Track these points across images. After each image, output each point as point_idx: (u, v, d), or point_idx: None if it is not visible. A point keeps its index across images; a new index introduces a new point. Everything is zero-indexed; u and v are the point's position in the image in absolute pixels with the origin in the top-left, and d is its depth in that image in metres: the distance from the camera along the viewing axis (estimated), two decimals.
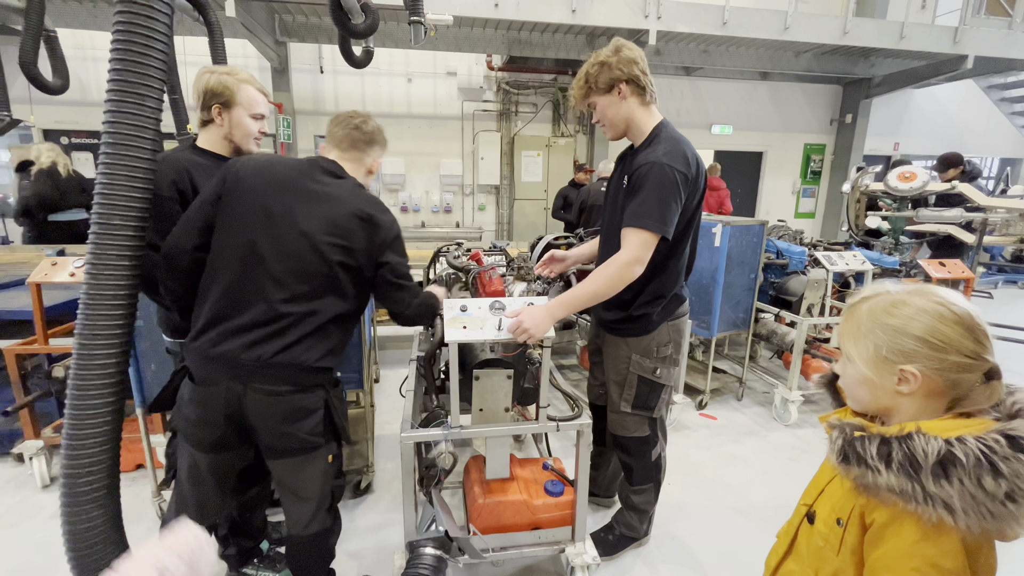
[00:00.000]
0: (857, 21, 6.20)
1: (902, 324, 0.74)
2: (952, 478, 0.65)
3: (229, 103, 1.55)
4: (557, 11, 5.56)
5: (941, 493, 0.65)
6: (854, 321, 0.80)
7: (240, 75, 1.58)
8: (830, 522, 0.81)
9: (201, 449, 1.33)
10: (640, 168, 1.54)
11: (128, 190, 1.30)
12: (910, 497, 0.67)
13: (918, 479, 0.67)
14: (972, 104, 8.77)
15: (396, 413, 1.76)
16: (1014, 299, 6.49)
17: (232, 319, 1.26)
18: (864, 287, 0.83)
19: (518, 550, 1.68)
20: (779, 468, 2.64)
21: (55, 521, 2.10)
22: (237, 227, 1.28)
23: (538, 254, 3.07)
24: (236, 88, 1.55)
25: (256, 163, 1.33)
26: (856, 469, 0.72)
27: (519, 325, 1.44)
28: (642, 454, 1.85)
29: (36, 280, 2.25)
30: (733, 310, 3.13)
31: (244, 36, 5.49)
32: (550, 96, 7.61)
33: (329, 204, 1.31)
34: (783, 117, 8.36)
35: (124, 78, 1.25)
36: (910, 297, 0.75)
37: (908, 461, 0.68)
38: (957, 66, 6.66)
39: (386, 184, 7.55)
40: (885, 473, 0.69)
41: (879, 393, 0.78)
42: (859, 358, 0.78)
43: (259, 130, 1.64)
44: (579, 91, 1.65)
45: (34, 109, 6.16)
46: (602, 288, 1.54)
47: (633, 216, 1.52)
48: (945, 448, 0.66)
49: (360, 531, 2.09)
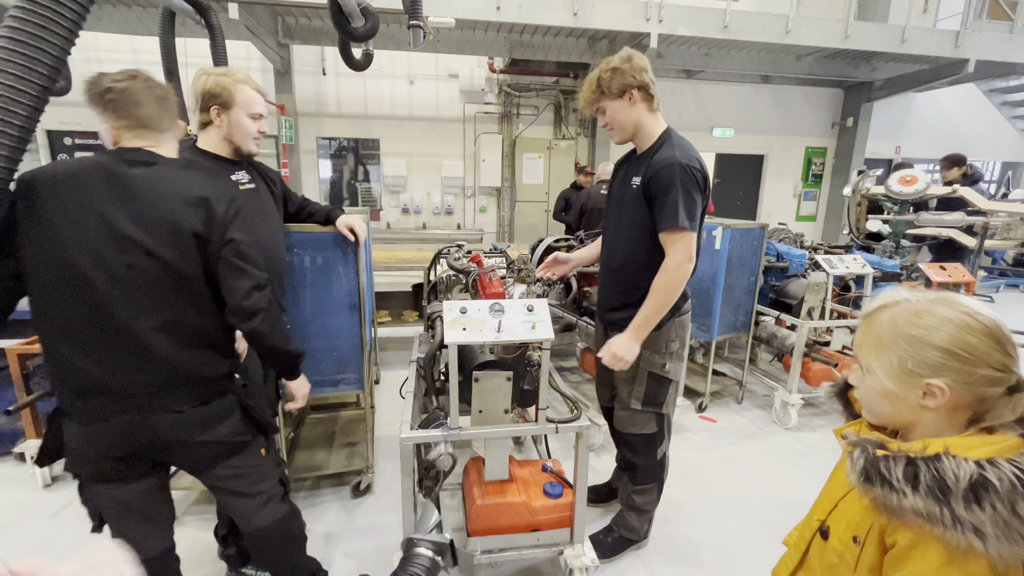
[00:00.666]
0: (858, 25, 6.20)
1: (927, 335, 0.70)
2: (984, 503, 0.61)
3: (227, 104, 1.56)
4: (558, 14, 5.58)
5: (972, 518, 0.62)
6: (874, 331, 0.76)
7: (237, 76, 1.58)
8: (846, 539, 0.78)
9: (115, 483, 1.22)
10: (660, 171, 1.58)
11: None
12: (937, 521, 0.64)
13: (947, 503, 0.63)
14: (974, 108, 8.77)
15: (396, 414, 1.77)
16: (1015, 303, 6.49)
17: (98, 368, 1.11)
18: (880, 295, 0.79)
19: (517, 552, 1.68)
20: (779, 471, 2.64)
21: (56, 520, 2.12)
22: (49, 254, 1.08)
23: (539, 256, 3.08)
24: (233, 89, 1.56)
25: (51, 175, 1.11)
26: (879, 490, 0.69)
27: (613, 356, 1.65)
28: (648, 452, 1.87)
29: None
30: (733, 313, 3.14)
31: (247, 38, 5.52)
32: (551, 99, 7.63)
33: (148, 198, 1.12)
34: (784, 120, 8.37)
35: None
36: (933, 306, 0.71)
37: (937, 485, 0.64)
38: (958, 70, 6.66)
39: (387, 186, 7.56)
40: (911, 496, 0.65)
41: (901, 407, 0.74)
42: (881, 370, 0.74)
43: (258, 130, 1.65)
44: (590, 95, 1.68)
45: None
46: (668, 298, 1.63)
47: (668, 218, 1.58)
48: (978, 472, 0.63)
49: (359, 531, 2.10)
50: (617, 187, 1.81)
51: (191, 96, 1.59)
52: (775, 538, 1.00)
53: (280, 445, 2.11)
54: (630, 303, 1.72)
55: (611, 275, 1.84)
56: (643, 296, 1.68)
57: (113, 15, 5.69)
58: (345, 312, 2.14)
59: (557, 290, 3.13)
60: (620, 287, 1.80)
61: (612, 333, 1.84)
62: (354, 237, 1.98)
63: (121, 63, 6.63)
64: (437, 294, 2.92)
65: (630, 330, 1.66)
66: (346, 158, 7.66)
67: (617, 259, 1.80)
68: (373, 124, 7.30)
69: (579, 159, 7.71)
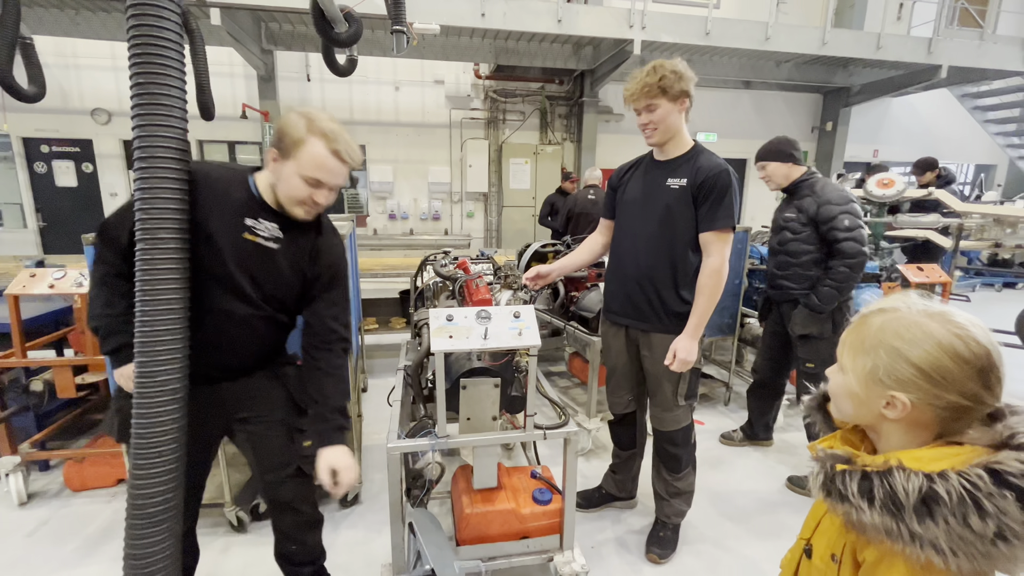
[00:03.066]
0: (835, 32, 6.36)
1: (907, 349, 0.68)
2: (937, 517, 0.61)
3: (285, 153, 1.25)
4: (543, 21, 5.63)
5: (927, 533, 0.61)
6: (860, 333, 0.75)
7: (319, 124, 1.24)
8: (825, 558, 0.79)
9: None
10: (718, 175, 1.71)
11: (167, 202, 1.18)
12: (896, 536, 0.63)
13: (901, 518, 0.63)
14: (948, 112, 9.02)
15: (384, 423, 1.75)
16: (991, 302, 6.67)
17: None
18: (887, 298, 0.77)
19: (507, 560, 1.68)
20: (765, 472, 2.66)
21: (32, 540, 2.06)
22: None
23: (526, 262, 3.09)
24: (301, 139, 1.23)
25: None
26: (841, 506, 0.69)
27: (683, 362, 1.74)
28: (687, 440, 1.97)
29: (14, 292, 2.21)
30: (719, 315, 3.17)
31: (230, 44, 5.46)
32: (537, 104, 7.67)
33: None
34: (766, 125, 8.52)
35: (148, 90, 1.15)
36: (928, 321, 0.69)
37: (890, 499, 0.64)
38: (932, 76, 6.86)
39: (374, 192, 7.53)
40: (868, 511, 0.65)
41: (863, 411, 0.76)
42: (853, 372, 0.75)
43: (312, 198, 1.28)
44: (649, 89, 1.68)
45: (13, 118, 6.07)
46: (717, 296, 1.74)
47: (724, 219, 1.71)
48: (927, 486, 0.62)
49: (347, 543, 2.07)
50: (644, 190, 1.85)
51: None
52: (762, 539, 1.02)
53: None
54: (686, 298, 1.80)
55: (642, 273, 1.84)
56: (691, 291, 1.78)
57: (92, 21, 5.59)
58: None
59: (545, 295, 3.14)
60: (662, 284, 1.82)
61: (654, 334, 1.86)
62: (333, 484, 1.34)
63: (100, 69, 6.54)
64: (424, 301, 2.91)
65: (689, 331, 1.75)
66: None
67: (651, 258, 1.82)
68: (359, 130, 7.27)
69: (565, 164, 7.76)
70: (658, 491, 2.06)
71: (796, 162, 2.44)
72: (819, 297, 2.33)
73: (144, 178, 1.16)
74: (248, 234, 1.30)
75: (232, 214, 1.29)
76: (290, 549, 1.58)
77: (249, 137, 7.07)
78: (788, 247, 2.45)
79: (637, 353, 1.96)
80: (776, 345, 2.68)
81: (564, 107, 7.81)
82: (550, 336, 3.56)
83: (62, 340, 2.73)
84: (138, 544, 1.17)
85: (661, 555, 1.98)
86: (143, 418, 1.17)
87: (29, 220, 6.85)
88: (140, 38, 1.15)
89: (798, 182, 2.44)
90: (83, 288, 2.25)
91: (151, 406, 1.17)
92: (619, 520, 2.25)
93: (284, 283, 1.39)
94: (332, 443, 1.35)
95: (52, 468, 2.55)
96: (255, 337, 1.41)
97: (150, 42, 1.15)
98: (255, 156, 7.28)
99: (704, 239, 1.74)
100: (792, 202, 2.46)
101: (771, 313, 2.69)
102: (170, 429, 1.19)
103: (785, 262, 2.47)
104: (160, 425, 1.18)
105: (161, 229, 1.16)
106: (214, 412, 1.41)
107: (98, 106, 6.65)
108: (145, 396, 1.17)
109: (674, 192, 1.76)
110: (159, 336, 1.17)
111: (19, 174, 6.71)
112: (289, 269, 1.37)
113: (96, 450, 2.37)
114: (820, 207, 2.32)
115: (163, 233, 1.16)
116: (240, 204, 1.29)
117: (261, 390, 1.46)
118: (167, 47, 1.17)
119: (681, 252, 1.79)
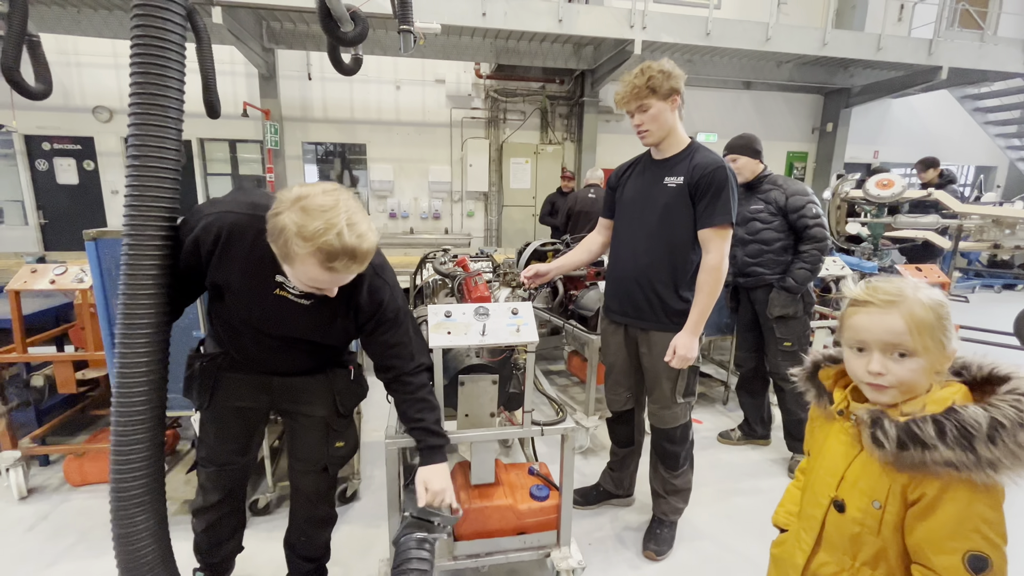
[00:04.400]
0: (836, 33, 6.37)
1: (944, 314, 0.83)
2: (997, 440, 0.73)
3: (284, 258, 1.11)
4: (544, 20, 5.64)
5: (991, 456, 0.73)
6: (918, 317, 0.83)
7: (317, 241, 1.03)
8: (864, 507, 0.85)
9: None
10: (714, 172, 1.70)
11: (155, 200, 1.21)
12: (964, 465, 0.74)
13: (972, 448, 0.74)
14: (948, 113, 9.03)
15: (382, 420, 1.76)
16: (990, 303, 6.67)
17: None
18: (876, 280, 0.90)
19: (503, 555, 1.69)
20: (764, 471, 2.67)
21: (32, 534, 2.07)
22: None
23: (525, 260, 3.10)
24: (295, 257, 1.07)
25: None
26: (912, 452, 0.77)
27: (683, 358, 1.74)
28: (685, 438, 1.97)
29: (15, 287, 2.22)
30: (717, 315, 3.17)
31: (231, 43, 5.48)
32: (538, 104, 7.69)
33: None
34: (766, 125, 8.53)
35: (146, 90, 1.18)
36: (930, 290, 0.85)
37: (962, 434, 0.75)
38: (932, 77, 6.87)
39: (375, 191, 7.54)
40: (942, 448, 0.75)
41: (931, 378, 0.85)
42: (937, 349, 0.83)
43: (323, 291, 1.20)
44: (638, 91, 1.70)
45: (17, 115, 6.09)
46: (716, 293, 1.74)
47: (721, 215, 1.70)
48: (989, 416, 0.74)
49: (346, 539, 2.08)
50: (642, 189, 1.86)
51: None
52: (759, 537, 1.03)
53: (264, 452, 2.09)
54: (686, 296, 1.81)
55: (640, 272, 1.85)
56: (690, 288, 1.79)
57: (93, 19, 5.61)
58: None
59: (544, 293, 3.14)
60: (660, 283, 1.83)
61: (654, 332, 1.87)
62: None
63: (102, 67, 6.56)
64: (423, 298, 2.92)
65: (689, 328, 1.75)
66: (332, 163, 7.63)
67: (650, 257, 1.83)
68: (360, 129, 7.29)
69: (566, 164, 7.77)
70: (655, 488, 2.07)
71: (761, 159, 2.65)
72: (795, 279, 2.48)
73: (134, 179, 1.20)
74: (280, 290, 1.26)
75: (261, 270, 1.23)
76: (299, 540, 1.63)
77: (250, 135, 7.08)
78: (761, 235, 2.58)
79: (636, 350, 1.97)
80: (752, 334, 2.76)
81: (565, 107, 7.82)
82: (549, 335, 3.58)
83: (63, 336, 2.74)
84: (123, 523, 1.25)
85: (658, 552, 1.99)
86: (121, 407, 1.23)
87: (30, 217, 6.87)
88: (142, 39, 1.17)
89: (760, 177, 2.63)
90: (84, 284, 2.26)
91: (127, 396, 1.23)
92: (616, 517, 2.26)
93: (324, 330, 1.36)
94: (428, 462, 1.42)
95: (52, 463, 2.56)
96: (303, 355, 1.42)
97: (152, 43, 1.18)
98: (256, 155, 7.30)
99: (703, 236, 1.75)
100: (755, 195, 2.62)
101: (739, 304, 2.79)
102: (145, 419, 1.26)
103: (758, 250, 2.60)
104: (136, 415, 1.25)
105: (147, 227, 1.21)
106: (262, 397, 1.47)
107: (100, 104, 6.68)
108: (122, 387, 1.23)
109: (672, 191, 1.77)
110: (136, 331, 1.22)
111: (20, 171, 6.74)
112: (328, 320, 1.33)
113: (96, 445, 2.38)
114: (789, 197, 2.51)
115: (149, 230, 1.21)
116: (271, 260, 1.15)
117: (308, 387, 1.47)
118: (168, 48, 1.20)
119: (680, 250, 1.80)
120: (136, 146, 1.20)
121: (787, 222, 2.53)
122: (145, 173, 1.20)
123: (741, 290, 2.75)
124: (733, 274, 2.69)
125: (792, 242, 2.56)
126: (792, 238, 2.55)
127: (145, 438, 1.25)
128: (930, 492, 0.78)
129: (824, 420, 0.99)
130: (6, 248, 6.43)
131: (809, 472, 1.02)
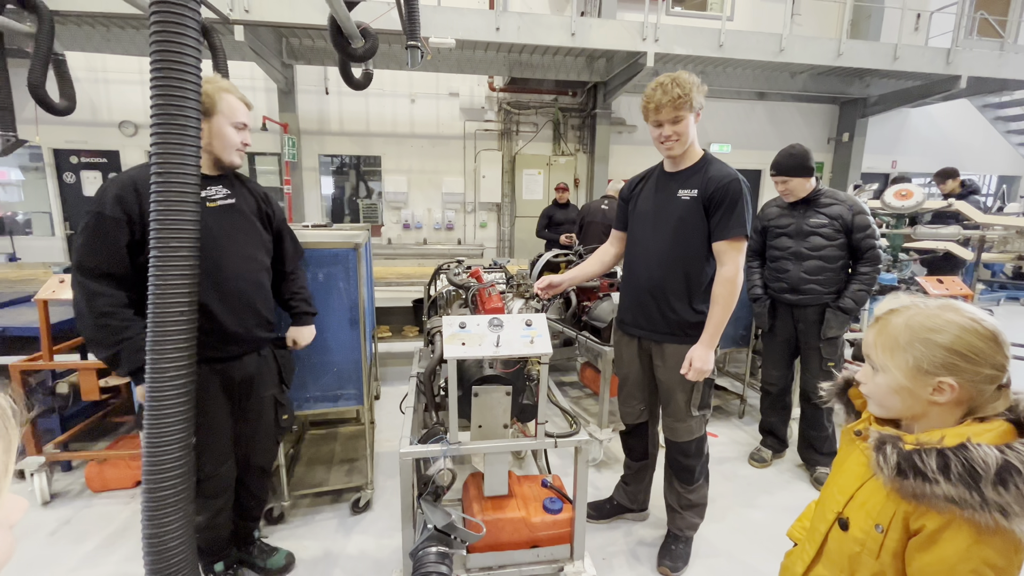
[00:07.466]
0: (851, 43, 6.33)
1: (938, 338, 0.78)
2: (1009, 485, 0.68)
3: (209, 111, 1.46)
4: (556, 34, 5.70)
5: (999, 500, 0.69)
6: (889, 334, 0.83)
7: (220, 83, 1.50)
8: (867, 528, 0.84)
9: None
10: (728, 184, 1.72)
11: (181, 213, 1.27)
12: (967, 505, 0.70)
13: (977, 488, 0.70)
14: (968, 123, 8.88)
15: (396, 430, 1.78)
16: (1016, 316, 6.48)
17: None
18: (886, 299, 0.87)
19: (516, 568, 1.67)
20: (780, 486, 2.62)
21: (55, 538, 2.11)
22: None
23: (538, 271, 3.11)
24: (216, 96, 1.47)
25: None
26: (911, 481, 0.75)
27: (699, 371, 1.73)
28: (700, 452, 1.95)
29: (44, 297, 2.29)
30: (733, 327, 3.15)
31: (252, 59, 5.63)
32: (550, 116, 7.74)
33: None
34: (781, 136, 8.47)
35: (166, 111, 1.25)
36: (942, 312, 0.80)
37: (968, 472, 0.71)
38: (951, 86, 6.77)
39: (389, 202, 7.64)
40: (944, 484, 0.72)
41: (912, 402, 0.82)
42: (897, 369, 0.82)
43: (242, 141, 1.57)
44: (678, 102, 1.69)
45: (46, 130, 6.31)
46: (732, 306, 1.74)
47: (736, 227, 1.71)
48: (1002, 459, 0.70)
49: (357, 549, 2.08)
50: (656, 201, 1.86)
51: None
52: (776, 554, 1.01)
53: (280, 461, 2.11)
54: (701, 308, 1.80)
55: (654, 284, 1.85)
56: (704, 300, 1.79)
57: (122, 37, 5.82)
58: (346, 327, 2.16)
59: (557, 304, 3.14)
60: (674, 295, 1.82)
61: (669, 345, 1.86)
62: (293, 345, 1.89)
63: (129, 83, 6.78)
64: (437, 309, 2.94)
65: (705, 341, 1.74)
66: (348, 175, 7.76)
67: (663, 269, 1.83)
68: (374, 141, 7.41)
69: (578, 175, 7.80)
70: (670, 503, 2.04)
71: (813, 173, 2.55)
72: (855, 300, 2.42)
73: (160, 198, 1.25)
74: (208, 202, 1.52)
75: None
76: (250, 504, 1.84)
77: (268, 148, 7.24)
78: (824, 252, 2.48)
79: (650, 363, 1.96)
80: (788, 352, 2.68)
81: (577, 118, 7.87)
82: (562, 346, 3.56)
83: (85, 344, 2.81)
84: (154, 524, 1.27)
85: (673, 568, 1.96)
86: (154, 410, 1.27)
87: (57, 228, 7.08)
88: (161, 55, 1.25)
89: (817, 191, 2.54)
90: None
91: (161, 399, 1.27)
92: (631, 532, 2.23)
93: (256, 232, 1.67)
94: (300, 324, 1.88)
95: (74, 469, 2.62)
96: (261, 291, 1.67)
97: (170, 62, 1.25)
98: (274, 167, 7.45)
99: (717, 248, 1.75)
100: (813, 208, 2.52)
101: (777, 320, 2.67)
102: (179, 422, 1.30)
103: (819, 267, 2.49)
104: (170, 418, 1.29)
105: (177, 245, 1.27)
106: (224, 398, 1.63)
107: (126, 119, 6.89)
108: (156, 391, 1.27)
109: (686, 203, 1.77)
110: (167, 336, 1.27)
111: (49, 184, 6.96)
112: (254, 216, 1.66)
113: (117, 452, 2.43)
114: (855, 216, 2.43)
115: (173, 233, 1.27)
116: None
117: (260, 368, 1.71)
118: (186, 64, 1.26)
119: (694, 263, 1.80)
120: (159, 164, 1.25)
121: (848, 240, 2.44)
122: (168, 190, 1.25)
123: (782, 306, 2.62)
124: (780, 290, 2.60)
125: (849, 261, 2.48)
126: (849, 256, 2.48)
127: (177, 439, 1.28)
128: (930, 525, 0.76)
129: (849, 438, 0.98)
130: (34, 258, 6.64)
131: (824, 487, 1.01)
